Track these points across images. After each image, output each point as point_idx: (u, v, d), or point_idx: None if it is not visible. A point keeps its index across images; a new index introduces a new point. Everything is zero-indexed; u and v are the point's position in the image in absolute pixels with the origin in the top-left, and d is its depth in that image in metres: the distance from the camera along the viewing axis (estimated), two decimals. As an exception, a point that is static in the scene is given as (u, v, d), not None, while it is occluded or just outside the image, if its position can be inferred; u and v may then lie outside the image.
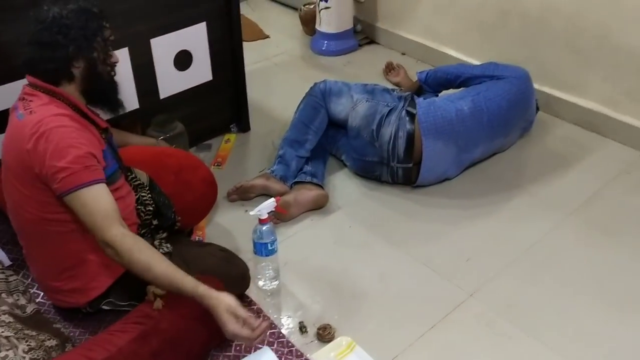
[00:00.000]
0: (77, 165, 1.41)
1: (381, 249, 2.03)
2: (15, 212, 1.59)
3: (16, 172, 1.50)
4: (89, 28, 1.47)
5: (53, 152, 1.41)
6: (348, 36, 3.31)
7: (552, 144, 2.54)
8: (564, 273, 1.92)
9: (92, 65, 1.51)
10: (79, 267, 1.59)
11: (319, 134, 2.33)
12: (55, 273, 1.61)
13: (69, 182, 1.41)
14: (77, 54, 1.48)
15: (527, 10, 2.64)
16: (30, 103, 1.48)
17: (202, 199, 1.92)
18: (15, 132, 1.48)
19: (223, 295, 1.42)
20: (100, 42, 1.51)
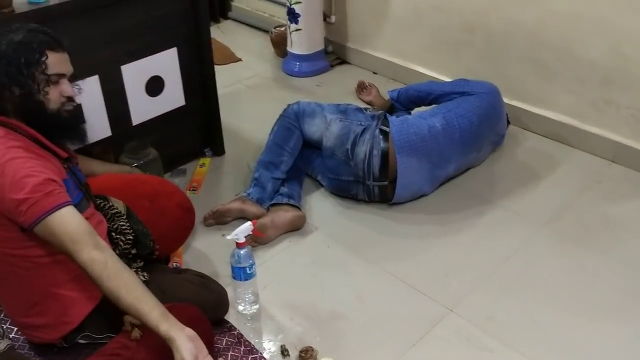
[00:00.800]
0: (37, 194, 1.37)
1: (360, 268, 2.03)
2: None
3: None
4: (21, 62, 1.43)
5: (10, 185, 1.37)
6: (319, 57, 3.34)
7: (523, 157, 2.59)
8: (540, 284, 1.94)
9: (26, 100, 1.46)
10: (47, 302, 1.55)
11: (294, 155, 2.33)
12: (23, 309, 1.57)
13: (32, 213, 1.37)
14: (7, 88, 1.44)
15: (491, 26, 2.70)
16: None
17: (179, 225, 1.90)
18: None
19: (183, 341, 1.33)
20: (37, 75, 1.45)
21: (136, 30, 2.14)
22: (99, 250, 1.40)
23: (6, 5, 1.80)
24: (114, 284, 1.37)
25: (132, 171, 2.04)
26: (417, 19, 2.99)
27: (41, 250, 1.48)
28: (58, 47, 1.49)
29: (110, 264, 1.39)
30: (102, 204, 1.71)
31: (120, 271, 1.40)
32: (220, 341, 1.72)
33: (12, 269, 1.50)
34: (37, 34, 1.48)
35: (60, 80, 1.50)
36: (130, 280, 1.40)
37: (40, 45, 1.45)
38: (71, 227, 1.39)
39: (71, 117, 1.54)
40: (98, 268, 1.38)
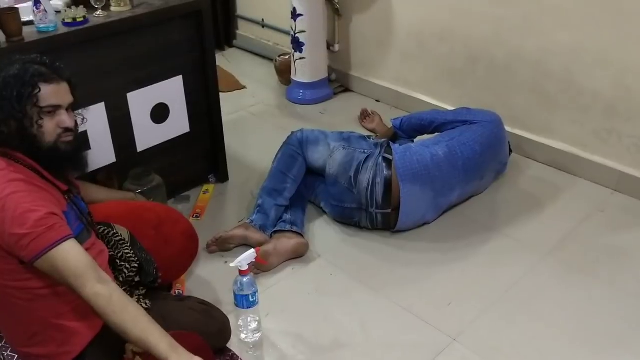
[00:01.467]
0: (39, 229, 1.37)
1: (362, 296, 2.02)
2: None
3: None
4: (13, 95, 1.43)
5: (12, 220, 1.37)
6: (323, 85, 3.37)
7: (526, 185, 2.60)
8: (544, 313, 1.93)
9: (20, 134, 1.46)
10: (47, 332, 1.54)
11: (298, 182, 2.34)
12: (24, 339, 1.56)
13: (34, 247, 1.37)
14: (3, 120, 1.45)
15: (493, 58, 2.74)
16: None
17: (183, 253, 1.90)
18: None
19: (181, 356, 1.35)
20: (29, 108, 1.45)
21: (143, 59, 2.17)
22: (103, 284, 1.40)
23: (16, 34, 1.83)
24: (120, 318, 1.38)
25: (136, 198, 2.05)
26: (421, 48, 3.03)
27: (40, 282, 1.47)
28: (53, 79, 1.48)
29: (115, 297, 1.40)
30: (105, 231, 1.71)
31: (125, 305, 1.40)
32: (222, 370, 1.71)
33: (12, 300, 1.49)
34: (33, 65, 1.47)
35: (56, 111, 1.49)
36: (135, 313, 1.41)
37: (33, 78, 1.44)
38: (73, 261, 1.39)
39: (70, 148, 1.52)
40: (103, 303, 1.38)
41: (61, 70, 1.51)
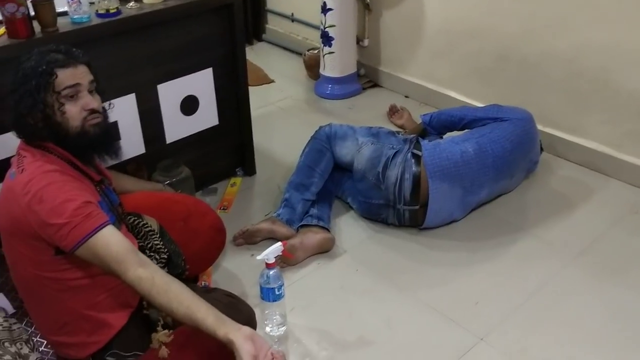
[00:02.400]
0: (77, 218, 1.38)
1: (388, 293, 2.01)
2: (12, 270, 1.57)
3: (10, 231, 1.47)
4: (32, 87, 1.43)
5: (50, 211, 1.38)
6: (352, 80, 3.35)
7: (557, 185, 2.55)
8: (572, 316, 1.90)
9: (47, 121, 1.45)
10: (76, 322, 1.56)
11: (325, 177, 2.34)
12: (54, 328, 1.58)
13: (74, 236, 1.38)
14: (29, 116, 1.45)
15: (525, 56, 2.69)
16: (23, 159, 1.46)
17: (211, 245, 1.90)
18: (7, 193, 1.46)
19: (241, 342, 1.31)
20: (49, 96, 1.44)
21: (174, 51, 2.18)
22: (144, 268, 1.40)
23: (51, 24, 1.85)
24: (165, 298, 1.38)
25: (164, 189, 2.06)
26: (451, 44, 2.99)
27: (73, 273, 1.49)
28: (69, 63, 1.46)
29: (157, 279, 1.39)
30: (136, 222, 1.72)
31: (168, 285, 1.40)
32: (247, 362, 1.70)
33: (44, 289, 1.52)
34: (48, 54, 1.46)
35: (78, 94, 1.47)
36: (179, 292, 1.39)
37: (48, 65, 1.43)
38: (114, 247, 1.40)
39: (99, 131, 1.51)
40: (146, 285, 1.38)
41: (77, 54, 1.49)
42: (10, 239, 1.49)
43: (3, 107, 1.79)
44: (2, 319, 1.76)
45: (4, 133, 1.83)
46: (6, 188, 1.47)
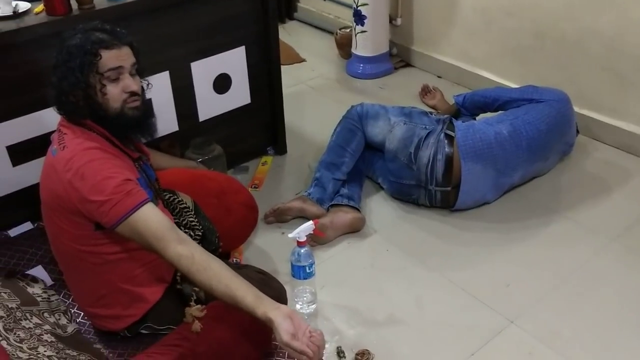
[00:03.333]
0: (118, 195, 1.40)
1: (419, 273, 2.01)
2: (53, 243, 1.61)
3: (51, 206, 1.51)
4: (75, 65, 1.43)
5: (91, 188, 1.40)
6: (384, 59, 3.32)
7: (593, 168, 2.50)
8: (606, 300, 1.87)
9: (88, 100, 1.47)
10: (114, 295, 1.60)
11: (356, 157, 2.33)
12: (91, 300, 1.63)
13: (115, 213, 1.40)
14: (70, 93, 1.46)
15: (564, 34, 2.62)
16: (64, 136, 1.48)
17: (243, 223, 1.92)
18: (49, 169, 1.49)
19: (280, 320, 1.33)
20: (92, 76, 1.45)
21: (208, 29, 2.19)
22: (184, 245, 1.42)
23: (87, 1, 1.87)
24: (204, 276, 1.39)
25: (198, 166, 2.08)
26: (486, 23, 2.93)
27: (111, 248, 1.52)
28: (114, 44, 1.46)
29: (197, 256, 1.41)
30: (171, 198, 1.74)
31: (208, 262, 1.41)
32: (277, 338, 1.73)
33: (84, 263, 1.55)
34: (93, 33, 1.46)
35: (120, 76, 1.48)
36: (219, 270, 1.41)
37: (93, 46, 1.43)
38: (154, 224, 1.42)
39: (137, 114, 1.53)
40: (186, 263, 1.40)
41: (122, 34, 1.50)
42: (52, 213, 1.52)
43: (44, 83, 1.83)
44: (41, 290, 1.82)
45: (45, 108, 1.87)
46: (48, 164, 1.50)
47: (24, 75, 1.86)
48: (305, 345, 1.32)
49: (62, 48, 1.46)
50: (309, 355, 1.31)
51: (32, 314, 1.67)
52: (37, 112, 1.92)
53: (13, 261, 1.94)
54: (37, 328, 1.62)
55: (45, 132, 1.95)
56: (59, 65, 1.46)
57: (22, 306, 1.68)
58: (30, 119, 1.91)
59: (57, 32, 1.83)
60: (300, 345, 1.31)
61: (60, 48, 1.47)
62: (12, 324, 1.57)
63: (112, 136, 1.52)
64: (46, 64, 1.85)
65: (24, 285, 1.80)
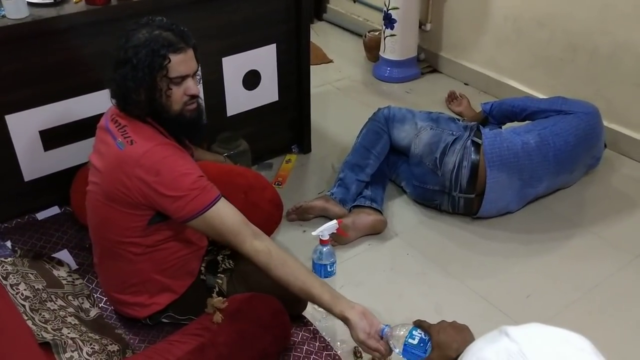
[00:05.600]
0: (194, 191, 1.44)
1: (438, 279, 2.01)
2: (96, 227, 1.62)
3: (112, 197, 1.50)
4: (145, 65, 1.43)
5: (168, 183, 1.43)
6: (411, 64, 3.32)
7: (619, 183, 2.48)
8: (629, 317, 1.85)
9: (154, 105, 1.49)
10: (144, 284, 1.63)
11: (380, 159, 2.33)
12: (121, 287, 1.65)
13: (191, 208, 1.44)
14: (135, 93, 1.47)
15: (597, 47, 2.60)
16: (126, 129, 1.48)
17: (268, 219, 1.93)
18: (116, 161, 1.47)
19: (356, 320, 1.39)
20: (159, 79, 1.46)
21: (241, 24, 2.21)
22: (260, 240, 1.47)
23: (126, -8, 1.90)
24: (282, 272, 1.44)
25: (225, 161, 2.10)
26: (517, 32, 2.92)
27: (152, 240, 1.55)
28: (181, 47, 1.46)
29: (274, 252, 1.46)
30: None
31: (284, 259, 1.46)
32: (296, 334, 1.74)
33: (122, 252, 1.58)
34: (162, 32, 1.45)
35: (183, 80, 1.49)
36: (295, 267, 1.46)
37: (163, 48, 1.43)
38: (229, 219, 1.47)
39: (195, 116, 1.55)
40: (264, 258, 1.45)
41: (188, 36, 1.49)
42: (108, 202, 1.52)
43: (79, 71, 1.86)
44: (66, 273, 1.85)
45: (80, 95, 1.90)
46: (115, 157, 1.47)
47: (61, 63, 1.89)
48: (379, 343, 1.38)
49: (127, 44, 1.44)
50: (382, 352, 1.37)
51: (57, 296, 1.70)
52: (71, 99, 1.95)
53: (40, 244, 1.98)
54: (62, 310, 1.65)
55: (78, 119, 1.99)
56: (125, 62, 1.44)
57: (47, 288, 1.71)
58: (64, 106, 1.95)
59: (95, 21, 1.88)
60: (374, 344, 1.37)
61: (125, 44, 1.44)
62: (37, 304, 1.60)
63: (168, 133, 1.54)
64: (83, 52, 1.91)
65: (49, 268, 1.83)
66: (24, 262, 1.79)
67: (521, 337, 0.81)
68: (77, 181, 1.97)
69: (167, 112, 1.50)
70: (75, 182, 1.98)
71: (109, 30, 1.88)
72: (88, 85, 1.95)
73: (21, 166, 1.98)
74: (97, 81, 1.92)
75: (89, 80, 1.94)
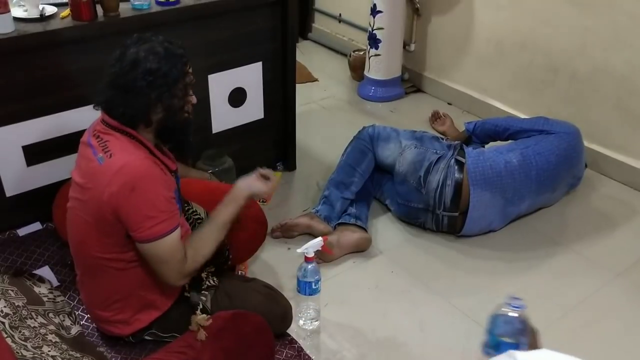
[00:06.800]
0: (163, 215, 1.45)
1: (423, 297, 2.01)
2: (76, 244, 1.61)
3: (90, 211, 1.50)
4: (171, 75, 1.45)
5: (142, 202, 1.44)
6: (395, 84, 3.36)
7: (599, 203, 2.51)
8: (611, 336, 1.87)
9: (170, 112, 1.50)
10: (127, 300, 1.61)
11: (365, 177, 2.35)
12: (105, 304, 1.63)
13: (152, 232, 1.45)
14: (158, 102, 1.47)
15: (577, 70, 2.66)
16: (107, 144, 1.47)
17: (252, 237, 1.93)
18: (95, 176, 1.47)
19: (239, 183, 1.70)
20: (181, 89, 1.50)
21: (227, 43, 2.22)
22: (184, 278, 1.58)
23: (113, 9, 1.90)
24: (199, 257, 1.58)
25: (211, 178, 2.10)
26: (500, 54, 2.97)
27: (134, 254, 1.55)
28: (188, 58, 1.52)
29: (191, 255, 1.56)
30: (185, 208, 1.76)
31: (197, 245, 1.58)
32: (280, 352, 1.73)
33: (104, 268, 1.57)
34: (176, 48, 1.48)
35: (190, 90, 1.56)
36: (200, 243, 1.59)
37: (182, 60, 1.48)
38: (175, 254, 1.52)
39: (187, 125, 1.59)
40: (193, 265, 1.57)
41: (184, 49, 1.54)
42: (86, 217, 1.52)
43: (64, 86, 1.86)
44: (47, 290, 1.82)
45: (64, 111, 1.90)
46: (94, 172, 1.47)
47: (46, 78, 1.89)
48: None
49: (125, 56, 1.44)
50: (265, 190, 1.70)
51: (37, 314, 1.67)
52: (55, 114, 1.94)
53: (20, 260, 1.95)
54: (42, 328, 1.62)
55: (62, 134, 1.98)
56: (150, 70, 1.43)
57: (28, 305, 1.68)
58: (48, 121, 1.94)
59: (81, 37, 1.88)
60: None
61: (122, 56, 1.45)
62: (17, 322, 1.58)
63: (161, 143, 1.58)
64: (68, 68, 1.90)
65: (30, 285, 1.80)
66: (4, 278, 1.76)
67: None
68: (60, 197, 1.95)
69: (177, 121, 1.54)
70: (58, 197, 1.97)
71: (95, 46, 1.89)
72: (72, 100, 1.94)
73: (3, 181, 1.96)
74: (81, 97, 1.92)
75: (74, 96, 1.93)
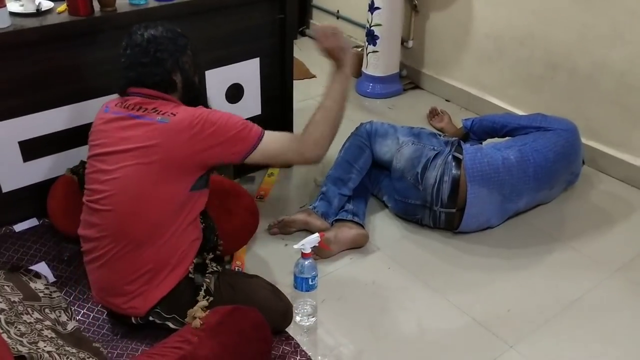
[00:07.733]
0: (247, 123, 1.63)
1: (420, 293, 2.01)
2: (123, 217, 1.59)
3: (158, 168, 1.56)
4: (179, 42, 1.67)
5: (228, 127, 1.59)
6: (393, 80, 3.35)
7: (597, 199, 2.51)
8: (608, 332, 1.87)
9: (187, 76, 1.69)
10: (156, 270, 1.62)
11: (363, 174, 2.34)
12: (132, 278, 1.61)
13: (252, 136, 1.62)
14: (175, 66, 1.66)
15: (576, 66, 2.65)
16: (158, 107, 1.61)
17: (244, 227, 1.94)
18: (167, 132, 1.56)
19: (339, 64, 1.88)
20: (189, 55, 1.70)
21: (225, 38, 2.22)
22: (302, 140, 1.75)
23: (110, 4, 1.90)
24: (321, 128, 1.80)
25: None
26: (499, 50, 2.97)
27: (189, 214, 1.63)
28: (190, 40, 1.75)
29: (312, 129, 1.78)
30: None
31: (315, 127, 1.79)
32: (277, 349, 1.72)
33: (151, 235, 1.59)
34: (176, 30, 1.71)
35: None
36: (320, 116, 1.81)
37: (185, 37, 1.70)
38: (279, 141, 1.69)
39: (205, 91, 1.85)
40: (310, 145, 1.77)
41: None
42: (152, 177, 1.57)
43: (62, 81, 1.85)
44: (43, 286, 1.82)
45: (61, 106, 1.89)
46: (162, 131, 1.57)
47: (42, 73, 1.88)
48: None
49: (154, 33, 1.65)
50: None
51: (33, 309, 1.67)
52: (52, 110, 1.94)
53: (17, 256, 1.94)
54: (38, 323, 1.62)
55: (59, 130, 1.98)
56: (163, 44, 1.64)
57: (24, 300, 1.68)
58: (45, 116, 1.93)
59: (78, 32, 1.87)
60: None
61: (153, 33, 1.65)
62: (13, 317, 1.57)
63: None
64: (65, 63, 1.90)
65: (26, 280, 1.80)
66: (0, 274, 1.75)
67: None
68: (55, 188, 1.95)
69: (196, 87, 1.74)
70: (53, 189, 1.96)
71: (92, 41, 1.88)
72: (69, 96, 1.94)
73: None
74: (78, 92, 1.91)
75: (71, 91, 1.93)
